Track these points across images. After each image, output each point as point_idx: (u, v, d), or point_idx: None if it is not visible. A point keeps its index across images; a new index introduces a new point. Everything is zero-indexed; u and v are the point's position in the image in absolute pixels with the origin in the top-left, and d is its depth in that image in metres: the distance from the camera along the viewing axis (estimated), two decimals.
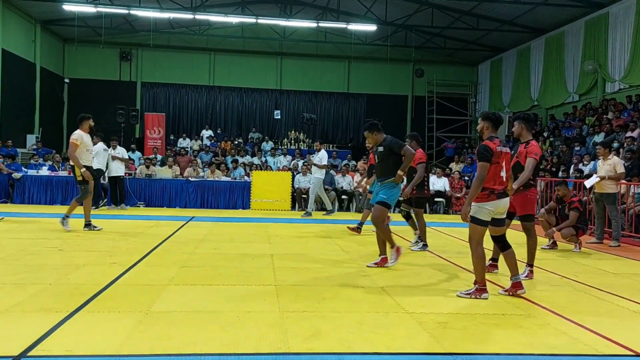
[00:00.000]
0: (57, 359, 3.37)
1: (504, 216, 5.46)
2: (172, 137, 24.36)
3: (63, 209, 12.49)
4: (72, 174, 8.92)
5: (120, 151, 13.51)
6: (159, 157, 18.71)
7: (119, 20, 24.99)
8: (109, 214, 12.23)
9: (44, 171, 14.49)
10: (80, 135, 9.18)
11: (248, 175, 15.75)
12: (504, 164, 5.31)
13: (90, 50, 27.35)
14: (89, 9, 21.42)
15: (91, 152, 9.63)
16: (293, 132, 23.12)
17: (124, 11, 21.36)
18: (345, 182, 15.84)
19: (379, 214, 6.56)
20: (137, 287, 5.30)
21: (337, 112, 27.55)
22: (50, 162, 16.07)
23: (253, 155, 19.76)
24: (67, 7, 21.04)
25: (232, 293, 5.19)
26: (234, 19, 21.89)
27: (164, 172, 15.14)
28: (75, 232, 8.98)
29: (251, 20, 21.75)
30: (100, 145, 13.15)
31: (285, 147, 21.39)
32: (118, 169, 13.39)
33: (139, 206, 14.06)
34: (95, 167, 13.31)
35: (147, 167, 15.21)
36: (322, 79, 27.39)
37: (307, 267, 6.63)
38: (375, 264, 6.71)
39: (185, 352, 3.57)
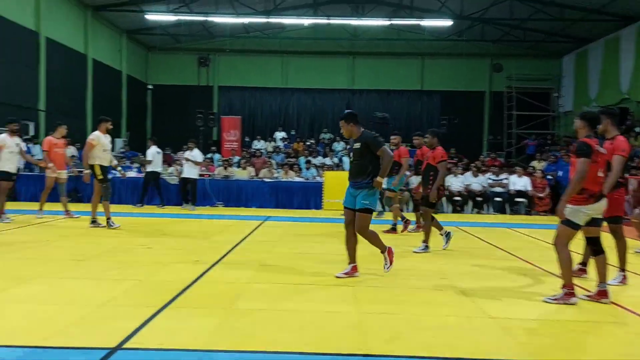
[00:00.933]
0: (151, 352, 3.55)
1: (601, 216, 5.16)
2: (247, 139, 24.99)
3: (150, 209, 13.14)
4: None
5: (196, 154, 13.86)
6: (236, 158, 19.26)
7: (197, 28, 25.94)
8: (191, 213, 12.72)
9: (132, 173, 15.27)
10: (97, 136, 9.58)
11: (320, 175, 15.88)
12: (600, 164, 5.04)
13: (171, 57, 28.58)
14: (170, 18, 22.40)
15: (109, 152, 9.92)
16: None
17: (202, 18, 22.18)
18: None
19: (365, 223, 5.80)
20: (220, 285, 5.48)
21: (410, 111, 27.22)
22: (137, 165, 16.93)
23: (325, 156, 19.90)
24: (150, 17, 22.13)
25: (310, 293, 5.25)
26: (306, 21, 22.18)
27: (241, 173, 15.57)
28: (162, 231, 9.41)
29: (323, 21, 21.93)
30: (154, 148, 13.76)
31: None
32: (190, 171, 13.73)
33: (217, 206, 14.52)
34: (150, 169, 13.97)
35: (225, 168, 15.70)
36: (395, 77, 27.11)
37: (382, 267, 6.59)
38: (346, 273, 5.89)
39: (268, 349, 3.65)
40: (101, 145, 9.55)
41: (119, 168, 11.62)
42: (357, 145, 5.89)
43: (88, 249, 7.35)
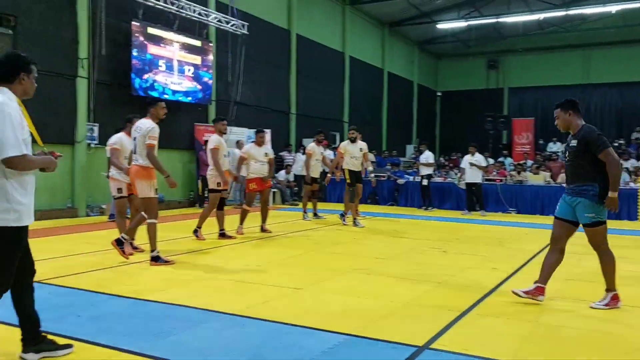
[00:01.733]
0: (457, 355, 3.58)
1: None
2: (541, 142, 23.44)
3: (437, 213, 13.40)
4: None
5: (479, 158, 13.58)
6: (529, 162, 18.24)
7: (486, 30, 25.56)
8: (481, 219, 12.52)
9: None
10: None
11: (633, 181, 13.85)
12: None
13: (460, 63, 28.78)
14: (461, 24, 22.56)
15: (357, 158, 10.50)
16: None
17: (492, 20, 21.72)
18: None
19: (599, 237, 4.72)
20: None
21: None
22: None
23: (638, 159, 17.29)
24: (441, 26, 22.70)
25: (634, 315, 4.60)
26: (613, 8, 19.70)
27: (535, 178, 14.66)
28: (454, 236, 9.50)
29: (635, 5, 19.15)
30: (427, 153, 14.09)
31: None
32: (475, 176, 13.48)
33: (510, 212, 13.97)
34: (424, 173, 14.02)
35: (518, 173, 15.01)
36: None
37: None
38: (606, 305, 4.75)
39: None
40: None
41: (372, 176, 12.72)
42: (573, 142, 4.79)
43: (387, 249, 7.87)
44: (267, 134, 15.90)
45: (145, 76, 12.63)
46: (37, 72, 3.37)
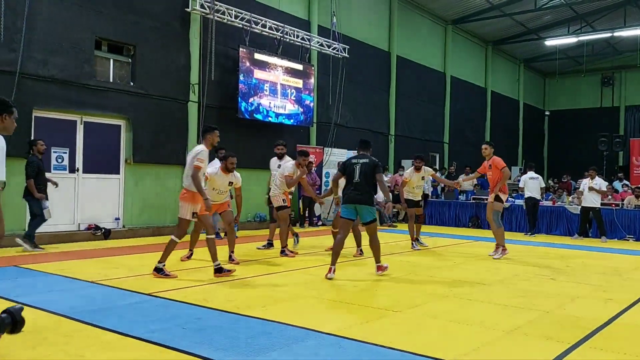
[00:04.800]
0: None
1: None
2: None
3: (547, 239, 12.66)
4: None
5: (599, 182, 12.75)
6: None
7: (600, 46, 24.11)
8: (597, 246, 11.65)
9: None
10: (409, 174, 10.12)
11: None
12: None
13: (570, 81, 27.31)
14: (570, 40, 21.49)
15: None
16: None
17: (606, 35, 20.45)
18: None
19: None
20: None
21: None
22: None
23: None
24: (549, 43, 21.74)
25: None
26: None
27: None
28: (565, 263, 8.91)
29: None
30: (530, 174, 13.78)
31: None
32: (593, 201, 12.67)
33: (627, 240, 12.87)
34: (527, 195, 13.24)
35: (637, 197, 13.83)
36: None
37: None
38: None
39: None
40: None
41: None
42: None
43: (489, 275, 7.54)
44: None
45: (251, 100, 13.21)
46: (153, 97, 3.76)
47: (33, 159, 8.83)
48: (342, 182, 7.44)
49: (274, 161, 9.65)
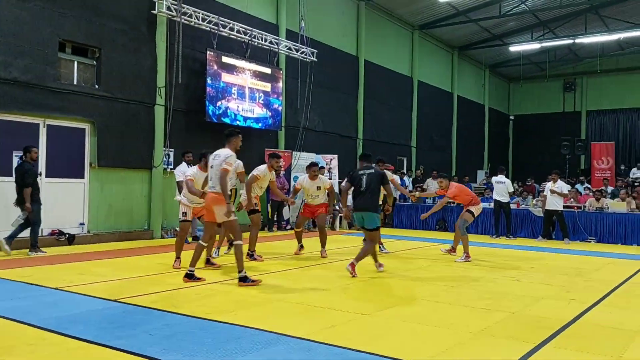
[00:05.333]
0: None
1: None
2: (622, 167, 22.19)
3: (514, 241, 12.90)
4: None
5: (560, 185, 13.08)
6: (610, 189, 17.28)
7: (562, 52, 24.78)
8: (558, 247, 11.95)
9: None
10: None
11: None
12: None
13: (534, 86, 27.96)
14: (534, 46, 22.05)
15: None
16: None
17: (568, 42, 21.06)
18: None
19: None
20: (604, 329, 4.92)
21: None
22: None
23: None
24: (513, 48, 22.24)
25: None
26: None
27: (617, 206, 13.85)
28: (528, 264, 9.11)
29: None
30: (498, 177, 13.79)
31: None
32: (556, 204, 12.95)
33: (589, 241, 13.25)
34: (495, 198, 13.49)
35: (597, 199, 14.26)
36: None
37: None
38: None
39: None
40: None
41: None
42: None
43: (456, 277, 7.65)
44: (334, 159, 16.04)
45: (219, 103, 13.11)
46: (118, 100, 3.65)
47: (28, 166, 8.65)
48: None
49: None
